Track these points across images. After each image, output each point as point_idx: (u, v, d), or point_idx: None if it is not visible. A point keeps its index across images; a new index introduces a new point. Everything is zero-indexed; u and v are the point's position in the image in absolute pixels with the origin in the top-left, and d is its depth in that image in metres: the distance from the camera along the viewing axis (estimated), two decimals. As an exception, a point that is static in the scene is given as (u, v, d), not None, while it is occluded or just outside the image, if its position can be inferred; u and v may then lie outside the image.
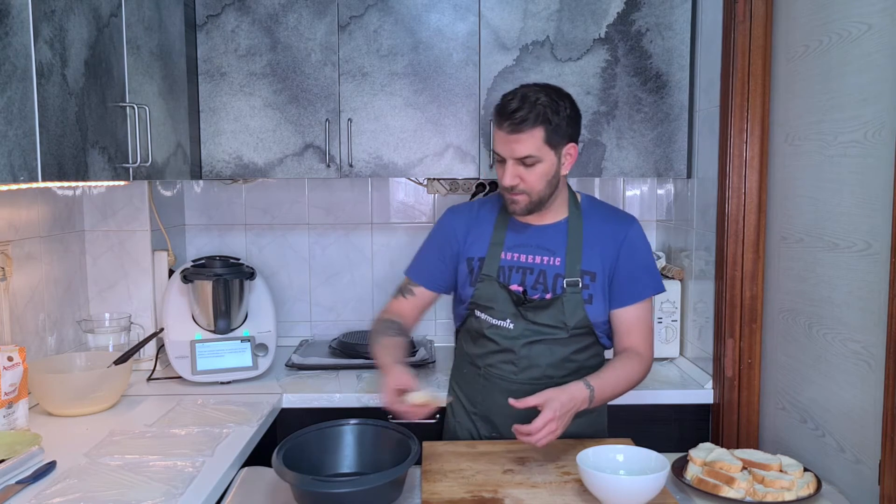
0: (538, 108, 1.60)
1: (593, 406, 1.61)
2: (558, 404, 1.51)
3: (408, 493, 1.48)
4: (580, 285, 1.71)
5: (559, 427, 1.51)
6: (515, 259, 1.75)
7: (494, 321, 1.75)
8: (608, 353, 1.83)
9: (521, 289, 1.73)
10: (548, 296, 1.72)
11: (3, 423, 1.69)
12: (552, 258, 1.73)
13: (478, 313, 1.77)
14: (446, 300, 1.94)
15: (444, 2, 2.34)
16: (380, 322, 1.84)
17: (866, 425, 1.54)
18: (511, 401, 1.52)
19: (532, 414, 1.57)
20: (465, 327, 1.84)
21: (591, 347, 1.78)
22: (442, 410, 1.86)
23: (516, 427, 1.51)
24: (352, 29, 2.34)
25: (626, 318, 1.74)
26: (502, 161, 1.66)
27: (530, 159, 1.63)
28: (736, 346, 2.08)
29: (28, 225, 2.03)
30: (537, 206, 1.70)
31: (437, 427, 1.95)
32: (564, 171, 1.71)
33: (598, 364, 1.78)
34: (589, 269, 1.73)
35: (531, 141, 1.62)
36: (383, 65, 2.35)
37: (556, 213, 1.76)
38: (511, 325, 1.73)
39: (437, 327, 2.79)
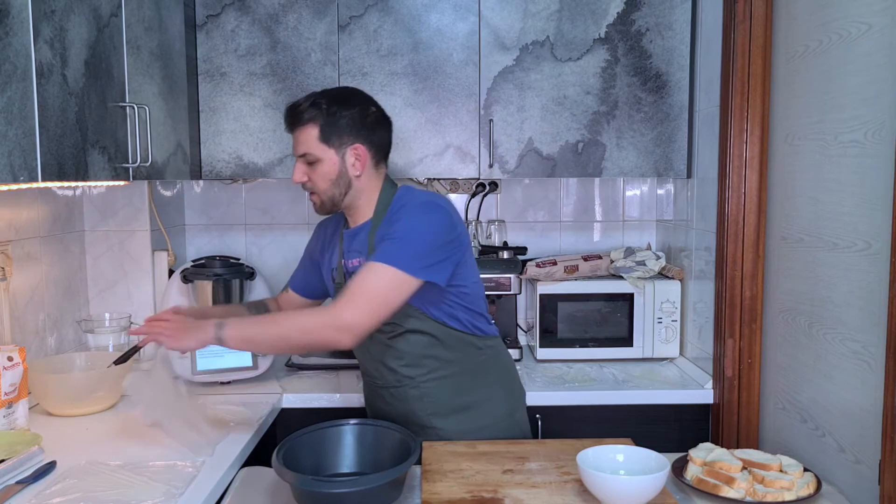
0: (313, 107, 1.66)
1: (228, 342, 1.59)
2: (175, 319, 1.65)
3: (408, 493, 1.48)
4: None
5: (167, 329, 1.60)
6: (350, 265, 1.78)
7: None
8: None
9: None
10: None
11: (3, 423, 1.68)
12: (360, 258, 1.75)
13: None
14: None
15: (444, 2, 2.34)
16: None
17: (866, 425, 1.54)
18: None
19: (418, 420, 1.75)
20: None
21: (449, 340, 1.73)
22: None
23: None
24: (352, 29, 2.34)
25: (352, 278, 1.62)
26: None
27: (309, 156, 1.68)
28: (736, 346, 2.08)
29: (28, 225, 2.03)
30: (331, 206, 1.74)
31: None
32: (355, 173, 1.70)
33: (471, 356, 1.75)
34: None
35: (306, 139, 1.68)
36: (383, 65, 2.35)
37: (364, 214, 1.76)
38: None
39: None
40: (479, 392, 1.79)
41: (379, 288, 1.58)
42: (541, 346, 2.48)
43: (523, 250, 2.60)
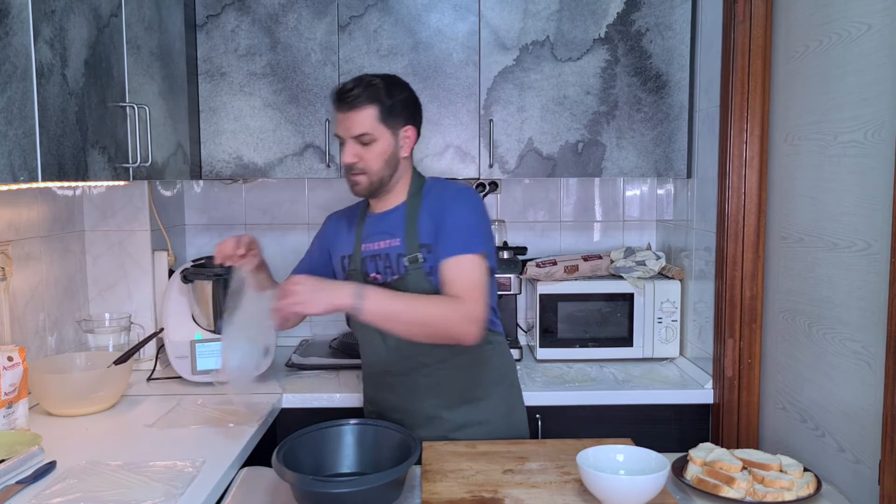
0: (371, 88, 1.68)
1: (366, 313, 1.58)
2: (306, 278, 1.60)
3: (408, 493, 1.48)
4: (419, 259, 1.72)
5: (302, 293, 1.55)
6: (370, 248, 1.80)
7: None
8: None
9: (378, 276, 1.77)
10: (395, 277, 1.75)
11: (3, 423, 1.68)
12: (392, 240, 1.76)
13: None
14: None
15: (444, 2, 2.34)
16: None
17: (866, 425, 1.54)
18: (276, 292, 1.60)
19: (426, 410, 1.75)
20: (351, 324, 1.90)
21: None
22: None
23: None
24: (352, 29, 2.34)
25: (446, 273, 1.67)
26: (342, 144, 1.72)
27: (366, 137, 1.69)
28: (736, 346, 2.08)
29: (28, 225, 2.03)
30: (378, 187, 1.75)
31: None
32: (404, 154, 1.75)
33: (482, 346, 1.75)
34: (425, 242, 1.73)
35: (365, 119, 1.68)
36: (383, 65, 2.35)
37: (396, 198, 1.79)
38: None
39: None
40: (484, 386, 1.80)
41: (482, 278, 1.68)
42: (541, 346, 2.48)
43: (523, 250, 2.60)
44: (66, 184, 2.15)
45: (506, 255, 2.54)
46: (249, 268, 1.75)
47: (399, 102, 1.72)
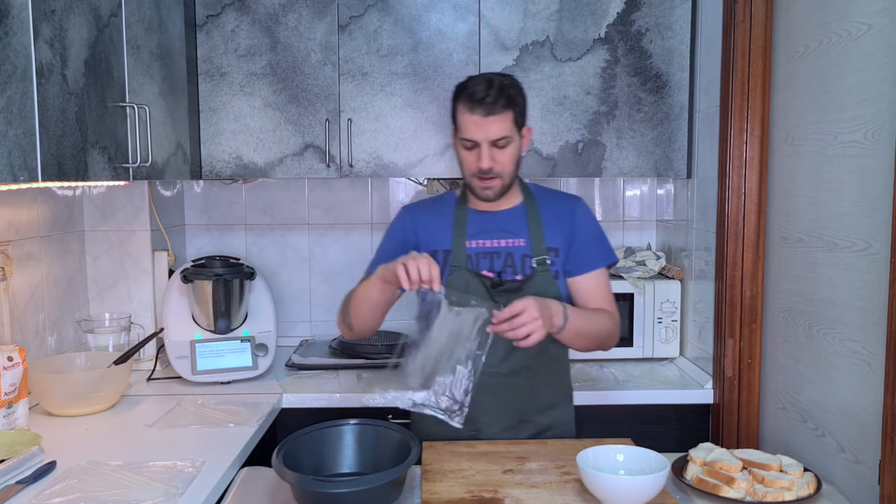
0: (507, 91, 1.68)
1: (566, 331, 1.63)
2: (534, 301, 1.56)
3: (408, 493, 1.48)
4: (547, 262, 1.75)
5: (540, 318, 1.53)
6: (480, 245, 1.78)
7: None
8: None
9: (492, 274, 1.75)
10: (518, 277, 1.74)
11: (3, 423, 1.68)
12: (516, 240, 1.76)
13: None
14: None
15: (444, 2, 2.34)
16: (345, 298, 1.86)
17: (866, 425, 1.54)
18: (495, 313, 1.54)
19: (509, 414, 1.73)
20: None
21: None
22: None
23: (497, 313, 1.53)
24: (352, 29, 2.34)
25: (589, 285, 1.78)
26: (471, 147, 1.69)
27: (503, 140, 1.68)
28: (736, 346, 2.08)
29: (28, 225, 2.03)
30: (507, 188, 1.75)
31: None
32: (523, 153, 1.77)
33: (565, 353, 1.85)
34: (553, 246, 1.77)
35: (504, 122, 1.67)
36: (383, 65, 2.35)
37: (512, 199, 1.80)
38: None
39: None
40: (565, 391, 1.86)
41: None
42: (541, 346, 2.47)
43: (523, 250, 2.60)
44: (66, 184, 2.15)
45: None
46: (441, 289, 1.55)
47: (524, 102, 1.72)
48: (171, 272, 2.40)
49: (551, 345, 1.78)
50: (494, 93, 1.65)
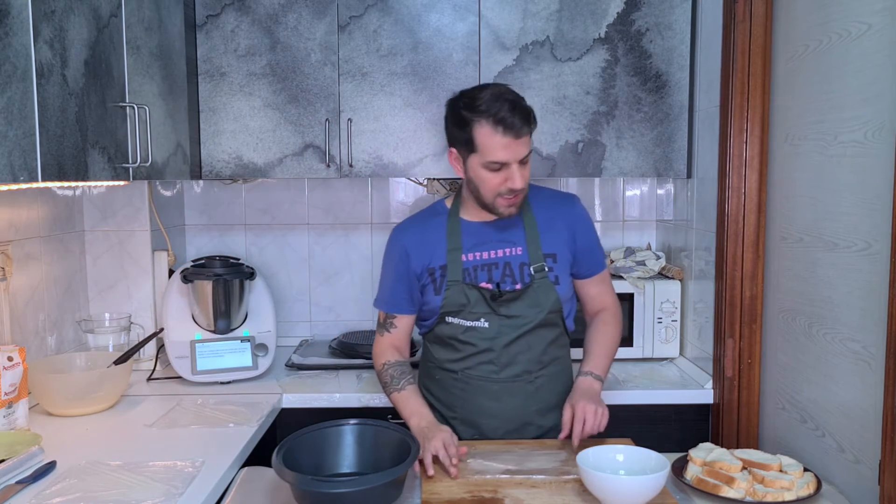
0: (526, 108, 1.70)
1: (605, 376, 1.82)
2: (584, 402, 1.66)
3: (408, 493, 1.48)
4: (545, 269, 1.76)
5: (591, 403, 1.66)
6: (477, 258, 1.78)
7: (469, 323, 1.76)
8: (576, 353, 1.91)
9: (491, 285, 1.75)
10: (518, 286, 1.75)
11: (3, 423, 1.69)
12: (513, 248, 1.77)
13: (449, 318, 1.78)
14: None
15: (444, 2, 2.34)
16: (386, 369, 1.82)
17: (866, 425, 1.54)
18: (570, 440, 1.66)
19: (511, 417, 1.76)
20: (433, 334, 1.85)
21: (561, 338, 1.85)
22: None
23: (565, 420, 1.65)
24: (351, 29, 2.34)
25: (594, 286, 1.89)
26: (498, 169, 1.67)
27: (527, 157, 1.70)
28: (736, 346, 2.08)
29: (28, 225, 2.03)
30: (524, 201, 1.77)
31: None
32: None
33: (566, 354, 1.90)
34: (550, 252, 1.78)
35: (529, 140, 1.71)
36: (383, 65, 2.35)
37: None
38: (486, 325, 1.75)
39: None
40: (564, 391, 1.85)
41: None
42: (541, 346, 2.47)
43: (523, 250, 2.60)
44: (66, 184, 2.15)
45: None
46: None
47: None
48: (171, 272, 2.40)
49: (552, 347, 1.79)
50: (520, 114, 1.66)
